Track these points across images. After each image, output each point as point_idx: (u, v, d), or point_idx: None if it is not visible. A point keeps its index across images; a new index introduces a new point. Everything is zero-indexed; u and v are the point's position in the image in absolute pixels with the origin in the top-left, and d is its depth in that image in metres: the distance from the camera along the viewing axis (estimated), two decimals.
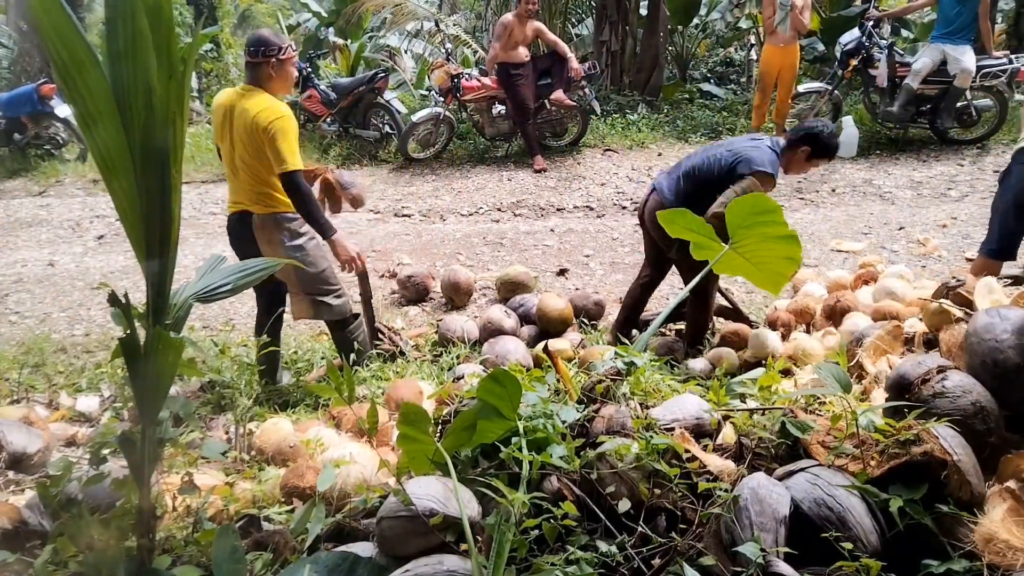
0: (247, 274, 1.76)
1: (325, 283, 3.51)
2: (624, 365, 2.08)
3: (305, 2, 14.23)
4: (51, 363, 4.18)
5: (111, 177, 1.45)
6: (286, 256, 3.28)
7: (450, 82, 8.02)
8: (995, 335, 1.90)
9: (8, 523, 1.87)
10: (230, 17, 16.03)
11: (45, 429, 2.96)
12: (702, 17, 11.91)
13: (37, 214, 7.35)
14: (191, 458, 2.16)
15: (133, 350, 1.52)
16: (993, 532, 1.51)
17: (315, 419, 3.13)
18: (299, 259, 3.28)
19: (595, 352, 3.45)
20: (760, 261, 2.39)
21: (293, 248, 3.38)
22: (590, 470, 1.70)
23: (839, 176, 7.14)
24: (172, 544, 1.83)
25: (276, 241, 3.37)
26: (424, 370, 3.74)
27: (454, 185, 7.63)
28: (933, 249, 5.23)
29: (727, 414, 2.00)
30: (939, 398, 1.78)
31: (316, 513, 1.81)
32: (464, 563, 1.53)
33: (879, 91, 7.57)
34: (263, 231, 3.37)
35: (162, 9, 1.38)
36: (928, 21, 8.95)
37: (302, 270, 3.33)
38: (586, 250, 5.77)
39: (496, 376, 1.68)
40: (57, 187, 8.26)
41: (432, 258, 5.74)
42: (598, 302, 4.33)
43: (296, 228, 3.41)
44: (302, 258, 3.34)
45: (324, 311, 3.54)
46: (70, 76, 1.35)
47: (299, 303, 3.50)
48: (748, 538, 1.48)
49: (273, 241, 3.37)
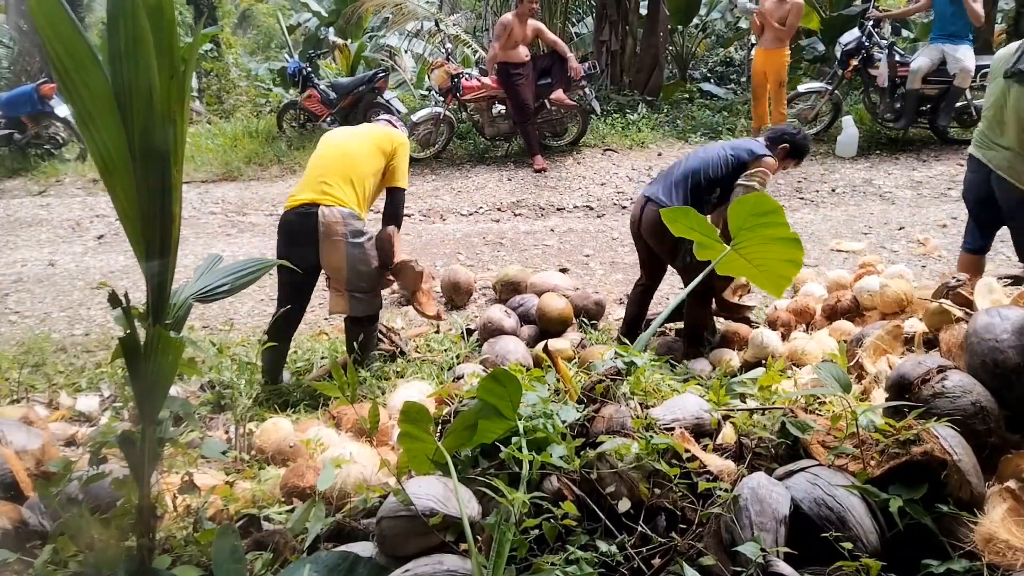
0: (245, 274, 1.75)
1: (372, 283, 3.66)
2: (624, 365, 2.08)
3: (305, 2, 14.24)
4: (51, 363, 4.18)
5: (111, 177, 1.44)
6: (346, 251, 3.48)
7: (450, 82, 8.02)
8: (995, 335, 1.89)
9: (8, 523, 1.87)
10: (230, 17, 16.03)
11: (45, 429, 2.96)
12: (702, 17, 11.92)
13: (37, 214, 7.35)
14: (191, 458, 2.17)
15: (133, 350, 1.52)
16: (993, 532, 1.51)
17: (315, 419, 3.14)
18: (357, 257, 3.50)
19: (595, 352, 3.45)
20: (762, 263, 2.38)
21: (354, 246, 3.51)
22: (590, 470, 1.70)
23: (839, 176, 7.14)
24: (172, 544, 1.83)
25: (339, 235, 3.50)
26: (424, 370, 3.74)
27: (454, 185, 7.63)
28: (933, 249, 5.23)
29: (727, 414, 2.00)
30: (939, 398, 1.78)
31: (316, 513, 1.81)
32: (464, 563, 1.53)
33: (879, 91, 7.57)
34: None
35: (164, 9, 1.38)
36: (929, 21, 8.95)
37: (356, 270, 3.51)
38: (586, 250, 5.78)
39: (496, 376, 1.68)
40: (57, 187, 8.26)
41: (432, 258, 5.74)
42: (598, 302, 4.33)
43: (359, 227, 3.54)
44: (360, 256, 3.52)
45: (358, 307, 3.63)
46: (69, 76, 1.35)
47: (339, 299, 3.60)
48: (748, 538, 1.48)
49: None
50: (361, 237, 3.55)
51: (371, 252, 3.61)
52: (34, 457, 2.32)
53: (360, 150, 3.66)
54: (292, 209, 3.55)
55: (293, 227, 3.54)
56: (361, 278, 3.58)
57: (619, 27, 9.81)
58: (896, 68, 7.34)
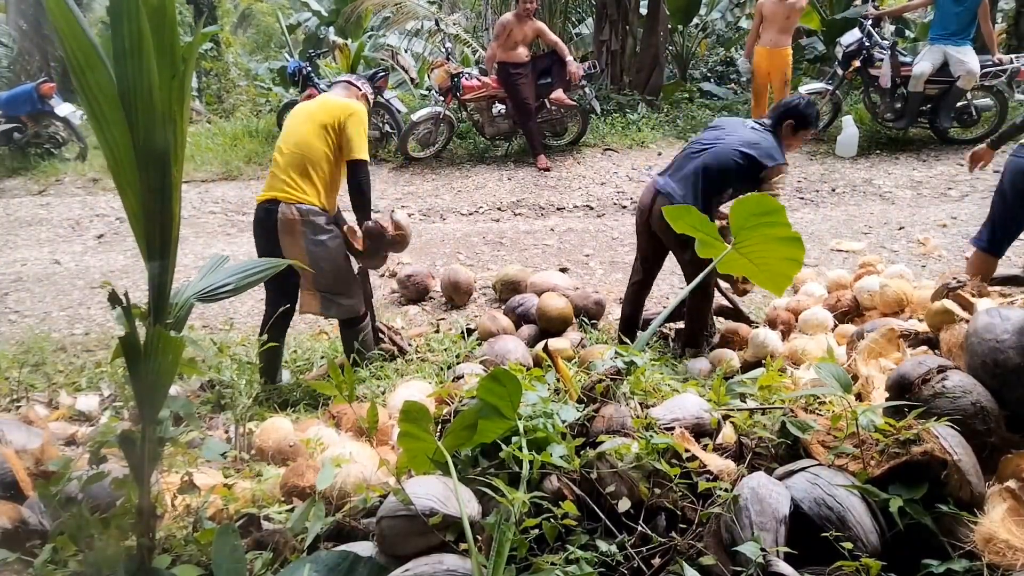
0: (249, 274, 1.75)
1: (340, 282, 3.53)
2: (624, 364, 2.08)
3: (305, 1, 14.23)
4: (51, 362, 4.17)
5: (120, 176, 1.45)
6: (307, 250, 3.35)
7: (450, 81, 8.01)
8: (995, 335, 1.89)
9: (8, 522, 1.87)
10: (230, 16, 16.02)
11: (45, 428, 2.96)
12: (702, 16, 11.91)
13: (37, 213, 7.35)
14: (191, 457, 2.16)
15: (133, 349, 1.51)
16: (993, 532, 1.51)
17: (315, 418, 3.13)
18: (319, 255, 3.35)
19: (595, 351, 3.45)
20: (763, 262, 2.39)
21: (315, 243, 3.40)
22: (590, 470, 1.70)
23: (839, 176, 7.14)
24: (172, 543, 1.83)
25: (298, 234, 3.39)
26: (424, 370, 3.74)
27: (454, 184, 7.62)
28: (933, 249, 5.23)
29: (727, 414, 2.00)
30: (939, 398, 1.78)
31: (316, 512, 1.81)
32: (464, 562, 1.53)
33: (880, 91, 7.57)
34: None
35: (165, 9, 1.38)
36: (929, 21, 8.95)
37: (318, 267, 3.37)
38: (586, 249, 5.77)
39: (496, 375, 1.68)
40: (57, 186, 8.25)
41: (432, 257, 5.74)
42: (598, 301, 4.33)
43: (320, 223, 3.42)
44: (322, 253, 3.38)
45: (332, 309, 3.54)
46: (83, 75, 1.36)
47: (309, 298, 3.51)
48: (748, 538, 1.48)
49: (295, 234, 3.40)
50: (323, 235, 3.40)
51: (336, 250, 3.47)
52: (34, 456, 2.32)
53: (309, 133, 3.44)
54: (258, 205, 3.49)
55: (260, 225, 3.49)
56: (326, 277, 3.45)
57: (619, 27, 9.81)
58: (899, 68, 7.34)
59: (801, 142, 3.79)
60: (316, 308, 3.52)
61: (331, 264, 3.45)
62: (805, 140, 3.83)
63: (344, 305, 3.55)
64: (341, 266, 3.52)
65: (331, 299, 3.50)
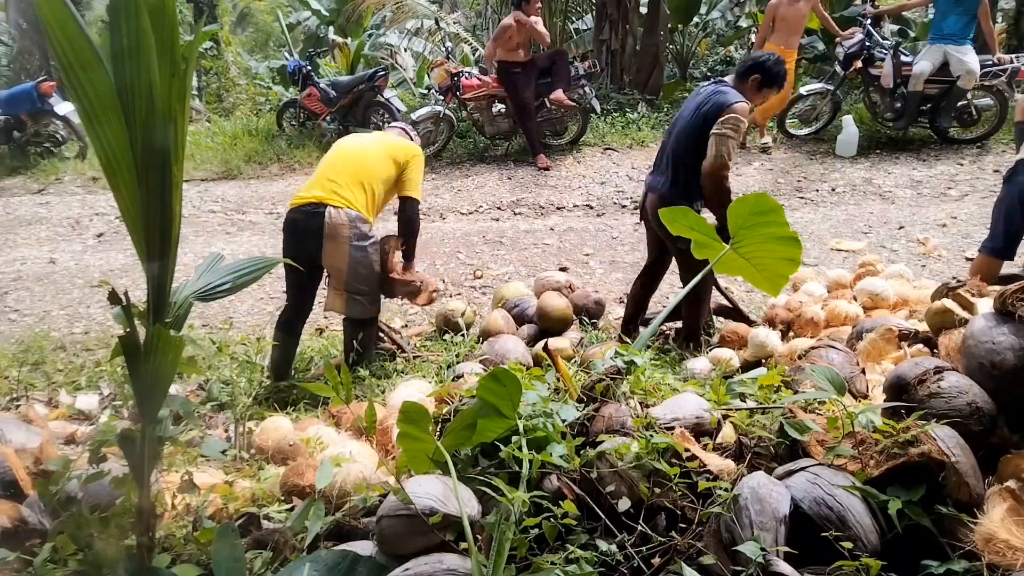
0: (246, 273, 1.75)
1: (370, 286, 3.68)
2: (624, 364, 2.08)
3: (305, 0, 14.22)
4: (50, 361, 4.18)
5: (115, 175, 1.44)
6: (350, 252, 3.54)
7: (450, 80, 8.01)
8: (992, 337, 1.89)
9: (8, 521, 1.87)
10: (229, 15, 16.01)
11: (44, 427, 2.96)
12: (702, 16, 11.90)
13: (37, 212, 7.35)
14: (191, 456, 2.17)
15: (133, 348, 1.51)
16: (993, 532, 1.51)
17: (315, 417, 3.14)
18: (359, 260, 3.54)
19: (598, 353, 3.45)
20: (760, 262, 2.38)
21: (357, 249, 3.55)
22: (590, 469, 1.70)
23: (839, 176, 7.14)
24: (172, 542, 1.83)
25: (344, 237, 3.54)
26: (424, 369, 3.74)
27: (454, 183, 7.62)
28: (933, 248, 5.23)
29: (727, 413, 2.00)
30: (935, 398, 1.78)
31: (316, 511, 1.81)
32: (464, 562, 1.53)
33: (880, 90, 7.57)
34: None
35: (165, 7, 1.38)
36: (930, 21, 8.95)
37: (356, 271, 3.55)
38: (586, 249, 5.78)
39: (496, 375, 1.68)
40: (56, 185, 8.25)
41: (432, 256, 5.74)
42: (598, 301, 4.33)
43: (364, 230, 3.58)
44: (361, 258, 3.56)
45: (355, 309, 3.65)
46: (75, 74, 1.35)
47: (336, 297, 3.63)
48: (748, 537, 1.48)
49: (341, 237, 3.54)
50: (365, 241, 3.59)
51: (374, 256, 3.65)
52: (33, 455, 2.32)
53: (374, 155, 3.70)
54: (298, 207, 3.57)
55: (298, 225, 3.55)
56: (360, 280, 3.61)
57: (619, 26, 9.80)
58: (900, 68, 7.33)
59: (764, 99, 3.72)
60: (340, 307, 3.66)
61: (367, 270, 3.62)
62: (765, 100, 3.77)
63: (366, 306, 3.70)
64: (374, 272, 3.68)
65: (356, 300, 3.64)
